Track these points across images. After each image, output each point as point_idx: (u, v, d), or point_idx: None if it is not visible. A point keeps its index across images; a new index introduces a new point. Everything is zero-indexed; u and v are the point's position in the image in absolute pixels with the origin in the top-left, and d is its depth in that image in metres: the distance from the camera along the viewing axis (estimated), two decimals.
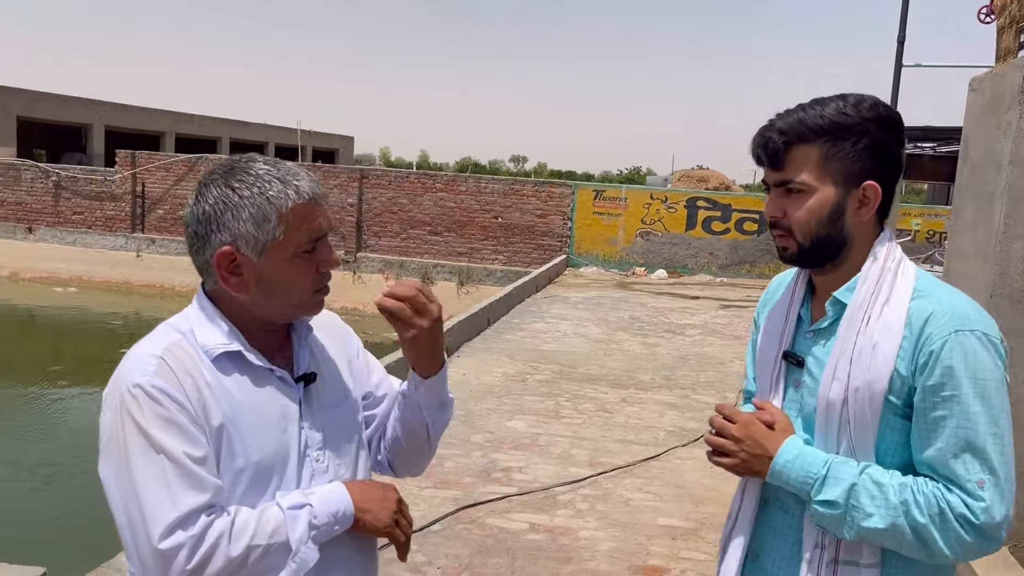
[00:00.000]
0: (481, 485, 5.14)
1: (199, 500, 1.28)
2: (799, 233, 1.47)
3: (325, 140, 45.58)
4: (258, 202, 1.35)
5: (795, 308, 1.59)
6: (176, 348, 1.36)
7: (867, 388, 1.40)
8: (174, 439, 1.29)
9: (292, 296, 1.41)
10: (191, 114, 35.04)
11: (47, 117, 27.00)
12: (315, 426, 1.47)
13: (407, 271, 19.36)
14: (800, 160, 1.45)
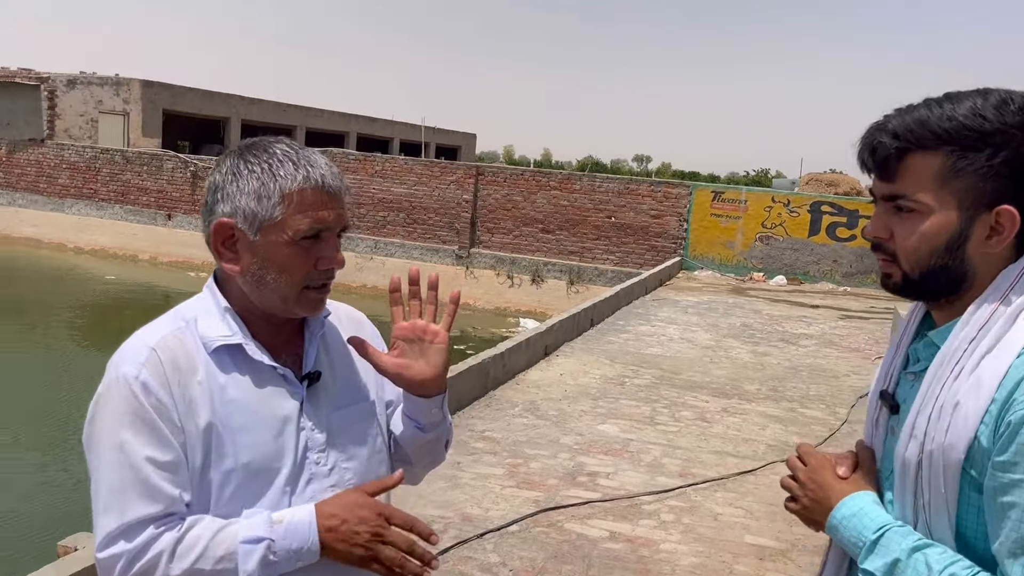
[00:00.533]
0: (565, 488, 5.04)
1: (148, 511, 1.23)
2: (906, 261, 1.21)
3: (448, 137, 46.41)
4: (263, 178, 1.30)
5: (906, 341, 1.35)
6: (172, 339, 1.31)
7: (941, 454, 1.15)
8: (142, 441, 1.24)
9: (281, 286, 1.33)
10: (321, 109, 36.35)
11: (189, 110, 28.58)
12: (319, 427, 1.39)
13: (518, 268, 19.42)
14: (917, 172, 1.17)
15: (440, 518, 4.46)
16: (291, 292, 1.34)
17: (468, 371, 6.70)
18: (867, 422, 1.41)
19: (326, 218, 1.33)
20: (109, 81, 26.48)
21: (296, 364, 1.41)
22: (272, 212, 1.30)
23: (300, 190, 1.30)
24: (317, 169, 1.33)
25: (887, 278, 1.26)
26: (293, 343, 1.43)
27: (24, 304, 16.58)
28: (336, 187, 1.34)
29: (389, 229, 20.89)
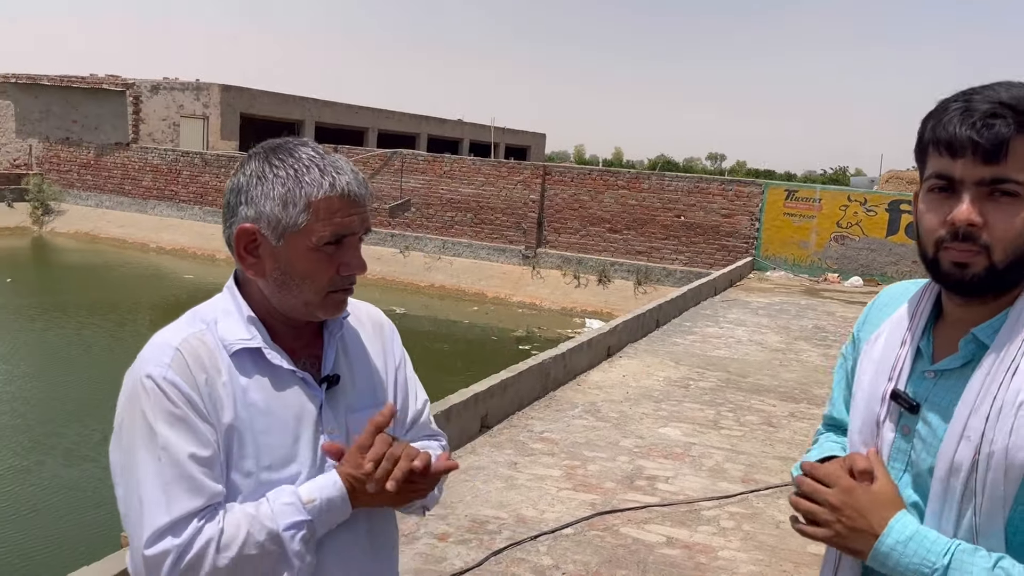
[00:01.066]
0: (622, 492, 4.97)
1: (194, 505, 1.24)
2: (1002, 250, 1.14)
3: (517, 137, 46.48)
4: (290, 184, 1.29)
5: (915, 337, 1.30)
6: (195, 340, 1.32)
7: (1004, 456, 1.11)
8: (180, 438, 1.25)
9: (305, 291, 1.33)
10: (392, 111, 36.82)
11: (266, 113, 29.27)
12: (338, 430, 1.39)
13: (585, 268, 19.31)
14: (1021, 154, 1.12)
15: (495, 519, 4.45)
16: (315, 297, 1.34)
17: (528, 371, 6.68)
18: (862, 424, 1.33)
19: (350, 224, 1.32)
20: (190, 86, 27.35)
21: (315, 366, 1.41)
22: (297, 219, 1.29)
23: (326, 198, 1.30)
24: (343, 176, 1.32)
25: (963, 268, 1.17)
26: (312, 345, 1.43)
27: (113, 302, 17.27)
28: (360, 194, 1.34)
29: (457, 229, 21.03)
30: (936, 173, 1.19)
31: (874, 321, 1.42)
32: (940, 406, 1.21)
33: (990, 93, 1.15)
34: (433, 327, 16.99)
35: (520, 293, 19.44)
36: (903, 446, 1.26)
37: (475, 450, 5.57)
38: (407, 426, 1.58)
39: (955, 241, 1.16)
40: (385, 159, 22.01)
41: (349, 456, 1.33)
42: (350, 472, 1.32)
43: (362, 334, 1.51)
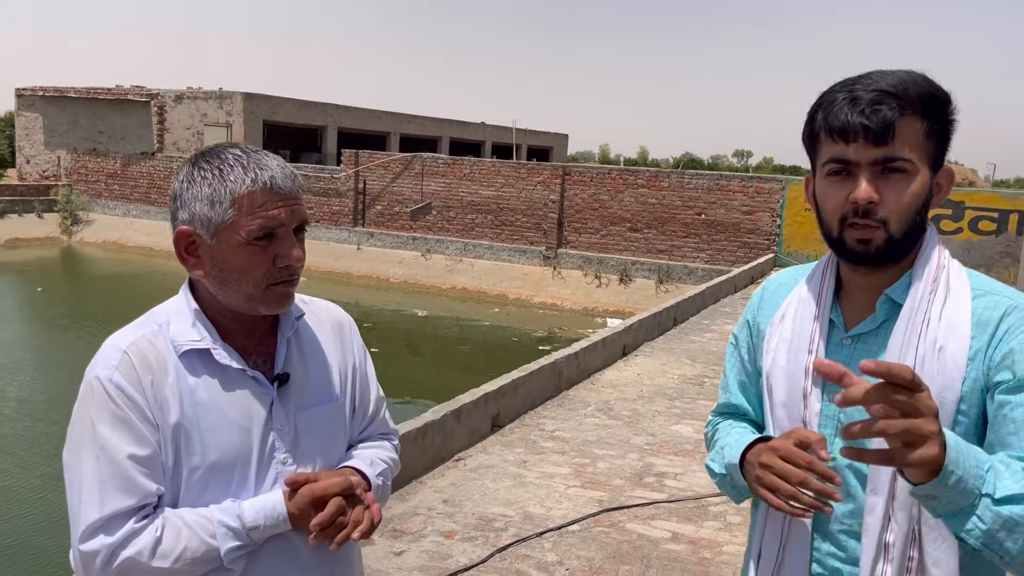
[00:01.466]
0: (630, 488, 4.99)
1: (127, 503, 1.28)
2: (897, 222, 1.25)
3: (540, 138, 46.50)
4: (215, 183, 1.34)
5: (826, 311, 1.37)
6: (144, 342, 1.36)
7: (936, 397, 1.14)
8: (119, 438, 1.30)
9: (244, 286, 1.36)
10: (413, 115, 37.01)
11: (288, 120, 29.59)
12: (287, 427, 1.43)
13: (606, 268, 19.30)
14: (907, 133, 1.23)
15: (501, 516, 4.49)
16: (255, 291, 1.37)
17: (540, 371, 6.72)
18: (787, 398, 1.36)
19: (277, 216, 1.35)
20: (213, 95, 27.72)
21: (268, 364, 1.44)
22: (224, 216, 1.33)
23: (249, 193, 1.33)
24: (266, 171, 1.35)
25: (866, 244, 1.26)
26: (266, 343, 1.46)
27: (143, 310, 17.53)
28: (286, 186, 1.36)
29: (478, 231, 21.12)
30: (833, 158, 1.27)
31: (770, 305, 1.50)
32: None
33: (870, 82, 1.25)
34: (455, 329, 17.08)
35: (541, 294, 19.48)
36: (831, 412, 1.32)
37: (486, 449, 5.61)
38: (364, 422, 1.62)
39: (857, 217, 1.25)
40: (405, 163, 22.15)
41: (302, 499, 1.37)
42: (295, 513, 1.37)
43: (320, 332, 1.55)
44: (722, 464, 1.45)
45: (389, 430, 1.69)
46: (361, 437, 1.62)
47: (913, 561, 1.23)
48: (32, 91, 29.65)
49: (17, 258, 23.47)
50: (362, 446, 1.60)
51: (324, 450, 1.48)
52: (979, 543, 1.09)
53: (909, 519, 1.23)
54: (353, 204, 22.71)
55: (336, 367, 1.54)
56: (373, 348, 1.68)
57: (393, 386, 12.49)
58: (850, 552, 1.29)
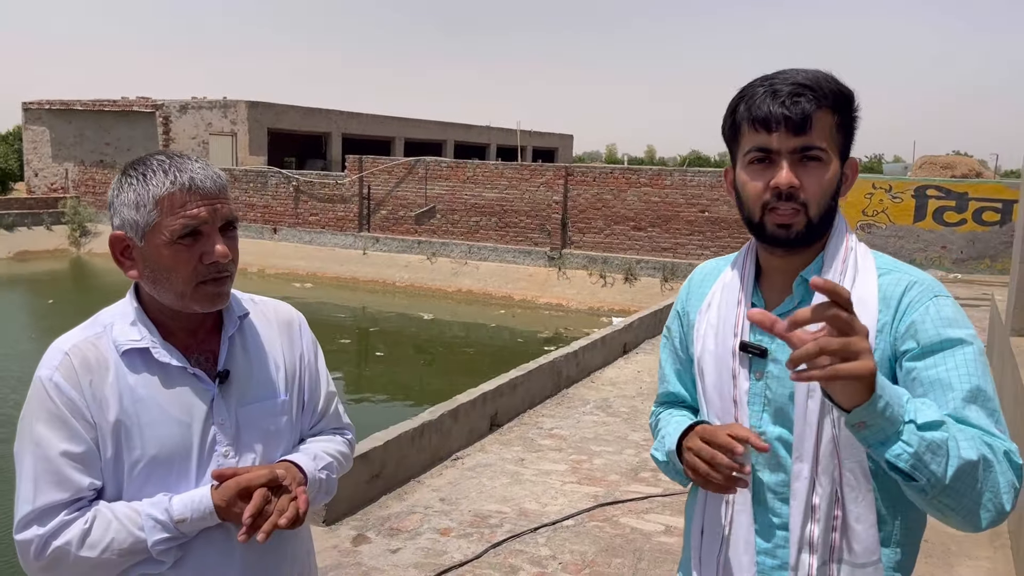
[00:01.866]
0: (626, 484, 5.05)
1: (58, 497, 1.36)
2: (815, 206, 1.34)
3: (545, 140, 46.53)
4: (138, 188, 1.42)
5: (748, 294, 1.46)
6: (86, 344, 1.44)
7: None
8: (54, 435, 1.38)
9: (174, 284, 1.42)
10: (418, 119, 37.09)
11: (293, 127, 29.72)
12: (228, 423, 1.49)
13: (610, 267, 19.34)
14: (822, 125, 1.33)
15: (497, 513, 4.55)
16: (185, 288, 1.43)
17: (539, 370, 6.78)
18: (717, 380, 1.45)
19: (198, 215, 1.41)
20: (217, 104, 27.88)
21: (212, 362, 1.51)
22: (149, 218, 1.41)
23: (170, 194, 1.40)
24: (185, 172, 1.42)
25: (787, 229, 1.35)
26: (209, 341, 1.52)
27: None
28: (207, 186, 1.43)
29: (482, 233, 21.19)
30: (755, 147, 1.36)
31: (697, 295, 1.59)
32: (784, 344, 1.30)
33: (787, 76, 1.35)
34: (461, 332, 17.15)
35: (547, 295, 19.52)
36: (758, 389, 1.41)
37: (484, 448, 5.68)
38: (315, 417, 1.68)
39: (779, 201, 1.34)
40: (409, 167, 22.25)
41: (227, 491, 1.42)
42: (221, 505, 1.42)
43: (267, 331, 1.61)
44: (664, 452, 1.54)
45: (343, 425, 1.74)
46: (313, 432, 1.68)
47: (838, 520, 1.32)
48: (39, 105, 29.90)
49: (27, 271, 23.69)
50: (311, 440, 1.65)
51: (266, 444, 1.54)
52: (908, 466, 1.15)
53: (832, 481, 1.31)
54: (358, 209, 22.82)
55: (282, 364, 1.60)
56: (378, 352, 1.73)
57: (399, 390, 12.62)
58: (784, 517, 1.38)
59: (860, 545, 1.31)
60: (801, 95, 1.31)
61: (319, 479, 1.56)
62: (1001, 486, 1.20)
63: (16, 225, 25.79)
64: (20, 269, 23.78)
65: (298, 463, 1.54)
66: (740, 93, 1.39)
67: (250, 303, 1.63)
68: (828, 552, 1.32)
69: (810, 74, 1.34)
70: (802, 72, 1.34)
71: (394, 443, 4.89)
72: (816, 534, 1.32)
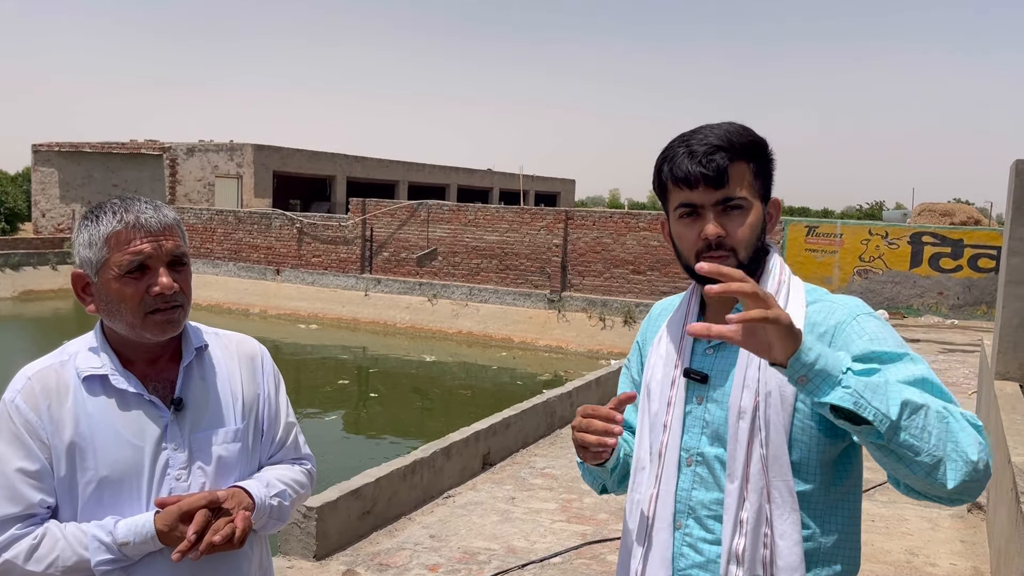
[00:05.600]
0: (615, 523, 5.10)
1: (10, 510, 1.47)
2: (743, 249, 1.48)
3: (547, 184, 47.04)
4: (91, 228, 1.55)
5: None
6: (49, 371, 1.56)
7: (778, 392, 1.42)
8: (11, 453, 1.50)
9: (125, 315, 1.54)
10: (421, 163, 37.60)
11: (298, 170, 30.18)
12: (181, 447, 1.58)
13: (610, 310, 19.46)
14: (738, 176, 1.48)
15: (486, 550, 4.61)
16: (135, 319, 1.55)
17: (532, 410, 6.86)
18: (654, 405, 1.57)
19: (144, 250, 1.53)
20: (224, 147, 28.33)
21: (169, 389, 1.62)
22: (100, 254, 1.54)
23: (116, 232, 1.53)
24: (132, 213, 1.55)
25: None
26: (167, 371, 1.63)
27: None
28: (151, 224, 1.55)
29: (483, 276, 21.37)
30: (682, 203, 1.51)
31: (653, 328, 1.73)
32: (723, 371, 1.51)
33: (702, 136, 1.50)
34: (461, 373, 17.22)
35: (546, 337, 19.62)
36: (699, 413, 1.52)
37: (475, 486, 5.74)
38: (274, 447, 1.77)
39: (710, 250, 1.48)
40: (411, 210, 22.52)
41: (168, 516, 1.51)
42: (163, 530, 1.50)
43: (228, 363, 1.71)
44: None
45: (302, 455, 1.83)
46: (272, 460, 1.77)
47: (768, 537, 1.42)
48: (48, 147, 30.39)
49: (31, 310, 23.89)
50: (268, 468, 1.74)
51: (218, 470, 1.62)
52: (851, 403, 1.25)
53: (760, 498, 1.42)
54: (360, 251, 23.05)
55: (240, 395, 1.70)
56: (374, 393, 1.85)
57: (398, 430, 12.65)
58: (716, 534, 1.47)
59: (783, 560, 1.40)
60: (714, 154, 1.46)
61: (269, 505, 1.64)
62: (961, 439, 1.28)
63: (22, 264, 26.03)
64: (22, 309, 23.96)
65: (247, 489, 1.62)
66: (663, 154, 1.54)
67: (212, 336, 1.74)
68: (757, 566, 1.41)
69: (722, 131, 1.48)
70: (715, 130, 1.49)
71: (386, 480, 4.97)
72: (743, 547, 1.42)
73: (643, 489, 1.56)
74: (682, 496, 1.52)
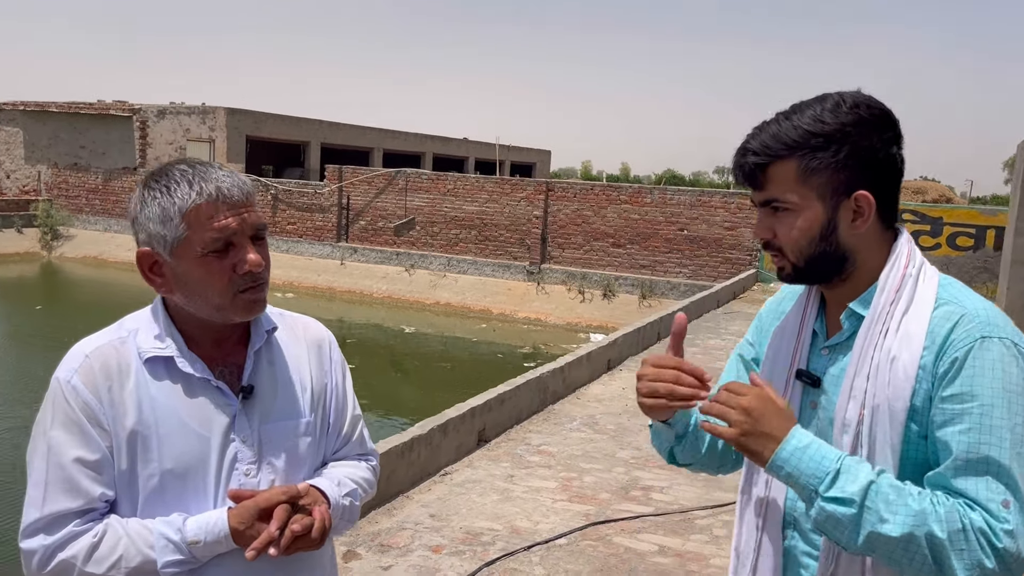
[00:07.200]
0: (617, 502, 5.01)
1: (69, 505, 1.30)
2: (791, 253, 1.37)
3: (522, 155, 46.67)
4: (163, 202, 1.36)
5: (809, 323, 1.46)
6: (109, 348, 1.39)
7: (887, 406, 1.27)
8: (69, 440, 1.32)
9: (210, 297, 1.38)
10: (397, 131, 37.06)
11: (272, 136, 29.52)
12: (250, 439, 1.43)
13: (589, 283, 19.37)
14: (780, 178, 1.34)
15: (489, 530, 4.49)
16: (222, 300, 1.38)
17: (526, 385, 6.74)
18: None
19: (228, 225, 1.36)
20: (196, 110, 27.65)
21: (236, 375, 1.45)
22: (177, 232, 1.35)
23: (197, 206, 1.35)
24: (211, 183, 1.36)
25: (781, 271, 1.41)
26: (235, 354, 1.47)
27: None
28: (235, 195, 1.38)
29: (462, 247, 21.15)
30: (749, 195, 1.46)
31: (775, 314, 1.58)
32: (835, 376, 1.38)
33: (751, 135, 1.38)
34: (440, 345, 17.07)
35: (525, 309, 19.51)
36: (811, 418, 1.40)
37: (472, 464, 5.62)
38: (339, 441, 1.61)
39: (768, 250, 1.41)
40: (389, 178, 22.18)
41: (245, 512, 1.36)
42: (238, 528, 1.36)
43: (295, 348, 1.55)
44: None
45: (367, 451, 1.68)
46: (336, 456, 1.62)
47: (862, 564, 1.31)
48: (13, 106, 29.46)
49: None
50: (333, 464, 1.59)
51: (289, 465, 1.48)
52: (813, 526, 1.26)
53: None
54: (337, 219, 22.70)
55: (309, 384, 1.54)
56: (352, 364, 1.68)
57: (376, 403, 12.48)
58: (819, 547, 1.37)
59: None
60: (746, 155, 1.36)
61: (342, 505, 1.50)
62: (955, 565, 1.16)
63: None
64: None
65: (321, 488, 1.48)
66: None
67: (279, 317, 1.57)
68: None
69: (769, 130, 1.35)
70: (770, 125, 1.36)
71: (384, 457, 4.82)
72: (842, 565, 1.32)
73: (755, 490, 1.46)
74: (790, 505, 1.41)
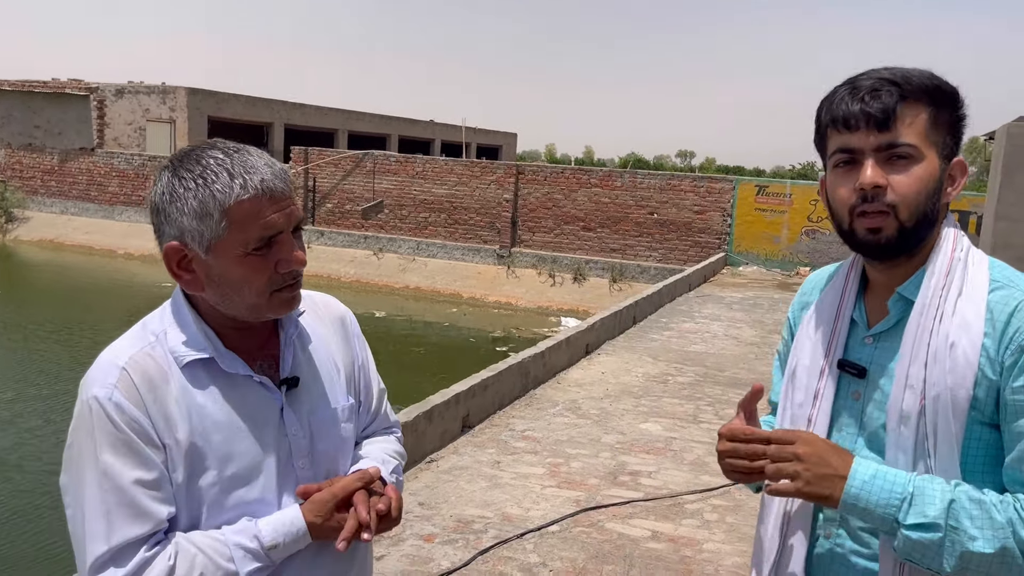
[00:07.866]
0: (606, 488, 4.98)
1: (137, 532, 1.19)
2: (906, 209, 1.23)
3: (489, 137, 46.48)
4: (201, 195, 1.23)
5: (847, 310, 1.37)
6: (143, 356, 1.26)
7: (949, 395, 1.20)
8: (123, 463, 1.21)
9: (247, 296, 1.27)
10: (362, 112, 36.62)
11: (234, 116, 28.99)
12: (301, 433, 1.36)
13: (560, 267, 19.35)
14: (911, 120, 1.23)
15: (480, 518, 4.44)
16: (259, 300, 1.28)
17: (508, 371, 6.68)
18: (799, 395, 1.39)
19: (275, 222, 1.26)
20: (156, 90, 27.02)
21: (273, 367, 1.37)
22: (217, 230, 1.24)
23: (240, 202, 1.23)
24: (255, 174, 1.24)
25: (875, 233, 1.25)
26: (268, 345, 1.38)
27: (88, 311, 16.98)
28: (279, 188, 1.26)
29: (431, 230, 20.99)
30: (838, 148, 1.28)
31: (805, 303, 1.51)
32: (883, 365, 1.30)
33: (871, 73, 1.27)
34: (410, 329, 16.93)
35: (496, 293, 19.44)
36: (854, 411, 1.33)
37: (457, 450, 5.55)
38: (369, 417, 1.55)
39: (866, 204, 1.24)
40: (356, 160, 21.90)
41: (322, 506, 1.30)
42: (316, 523, 1.29)
43: (323, 330, 1.47)
44: None
45: (392, 423, 1.63)
46: (366, 433, 1.56)
47: None
48: None
49: None
50: (367, 443, 1.54)
51: (340, 452, 1.42)
52: (903, 558, 1.19)
53: None
54: (303, 202, 22.35)
55: (342, 365, 1.47)
56: None
57: None
58: (873, 549, 1.29)
59: None
60: (881, 89, 1.23)
61: (392, 483, 1.44)
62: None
63: None
64: None
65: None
66: (824, 97, 1.32)
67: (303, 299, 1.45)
68: None
69: (897, 70, 1.25)
70: (889, 69, 1.26)
71: None
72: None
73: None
74: None
